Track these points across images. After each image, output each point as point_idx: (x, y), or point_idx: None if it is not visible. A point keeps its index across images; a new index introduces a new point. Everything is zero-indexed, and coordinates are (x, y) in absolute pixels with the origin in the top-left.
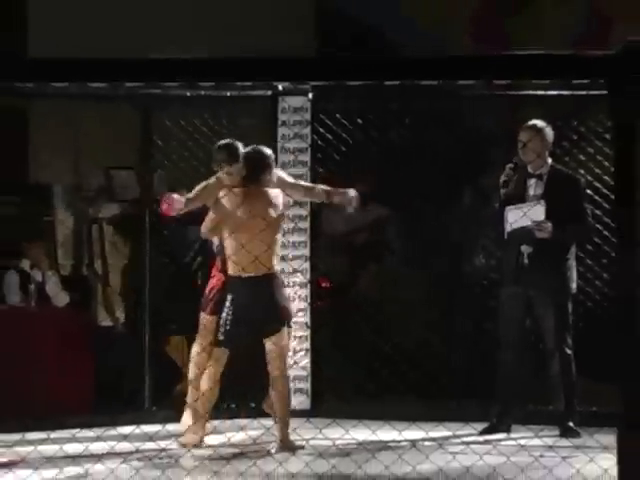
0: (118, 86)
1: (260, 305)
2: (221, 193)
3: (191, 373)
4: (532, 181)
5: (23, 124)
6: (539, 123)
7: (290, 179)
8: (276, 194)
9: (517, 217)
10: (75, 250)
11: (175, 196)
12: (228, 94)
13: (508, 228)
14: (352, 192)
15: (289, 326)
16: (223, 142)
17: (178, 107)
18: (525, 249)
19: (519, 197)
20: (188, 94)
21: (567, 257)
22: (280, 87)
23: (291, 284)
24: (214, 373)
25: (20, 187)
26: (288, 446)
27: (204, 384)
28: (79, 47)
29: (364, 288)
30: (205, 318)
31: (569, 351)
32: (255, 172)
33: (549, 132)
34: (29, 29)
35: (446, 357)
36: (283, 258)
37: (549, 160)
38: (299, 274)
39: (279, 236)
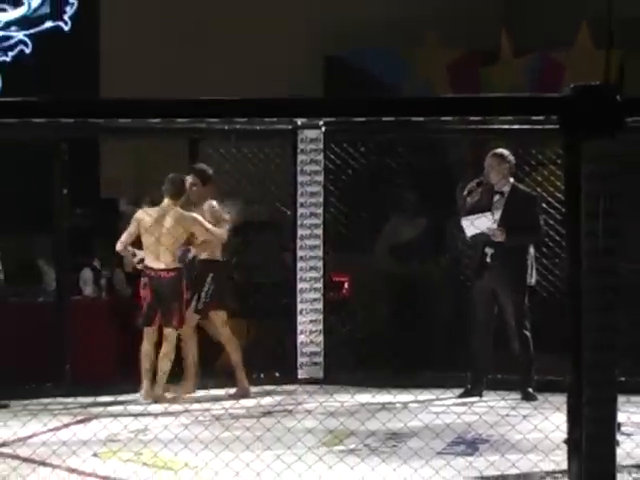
0: (170, 121)
1: None
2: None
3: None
4: (497, 196)
5: (95, 152)
6: (503, 151)
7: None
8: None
9: (467, 225)
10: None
11: None
12: (258, 128)
13: (468, 234)
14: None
15: None
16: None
17: (218, 138)
18: (488, 250)
19: (486, 208)
20: (226, 127)
21: (525, 257)
22: (299, 122)
23: (307, 278)
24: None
25: (93, 201)
26: None
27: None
28: (140, 90)
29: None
30: None
31: (527, 332)
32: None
33: (511, 158)
34: (100, 76)
35: (430, 336)
36: (301, 258)
37: (511, 180)
38: (314, 271)
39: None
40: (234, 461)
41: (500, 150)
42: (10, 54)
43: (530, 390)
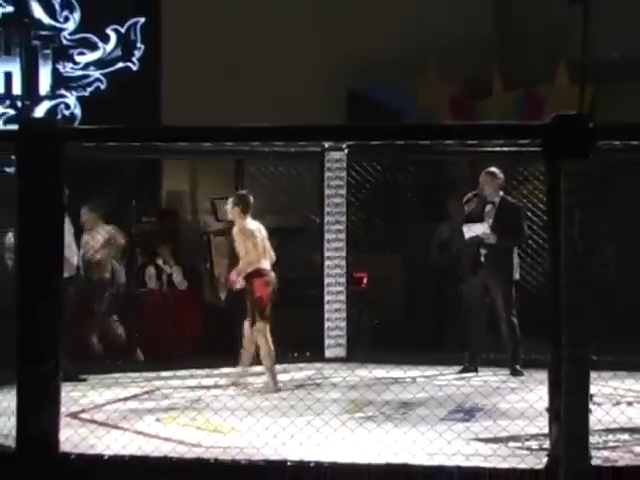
0: (220, 144)
1: None
2: None
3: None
4: (489, 206)
5: (158, 170)
6: (494, 169)
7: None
8: None
9: (466, 230)
10: (192, 252)
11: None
12: (292, 150)
13: (466, 237)
14: None
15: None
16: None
17: (259, 158)
18: (482, 251)
19: (479, 216)
20: (265, 149)
21: (511, 257)
22: (326, 145)
23: (333, 274)
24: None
25: (157, 211)
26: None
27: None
28: (195, 118)
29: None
30: None
31: (514, 319)
32: None
33: (500, 175)
34: (162, 106)
35: (434, 322)
36: (328, 257)
37: (500, 193)
38: (338, 269)
39: None
40: (272, 425)
41: (492, 168)
42: (88, 89)
43: (517, 367)
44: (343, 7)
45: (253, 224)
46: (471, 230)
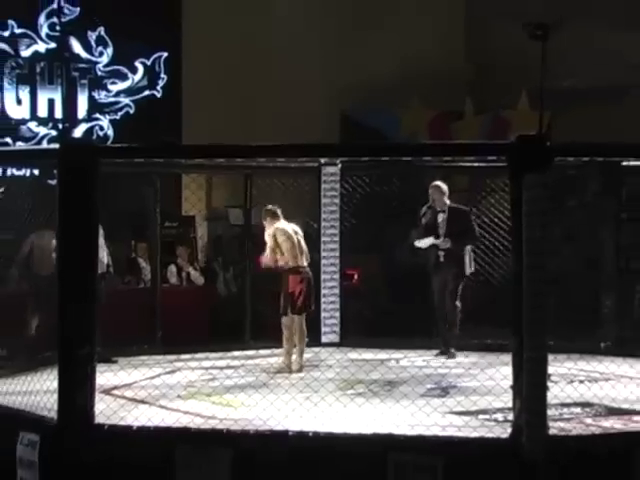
0: (231, 160)
1: None
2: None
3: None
4: (440, 215)
5: (179, 182)
6: (440, 183)
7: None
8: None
9: (422, 246)
10: (207, 253)
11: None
12: (292, 165)
13: (423, 247)
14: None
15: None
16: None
17: (265, 173)
18: (440, 253)
19: (434, 225)
20: (271, 164)
21: (463, 255)
22: (322, 161)
23: (328, 272)
24: None
25: (177, 217)
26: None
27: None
28: (210, 137)
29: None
30: None
31: (457, 308)
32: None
33: (444, 187)
34: (182, 128)
35: (410, 312)
36: (324, 257)
37: (447, 201)
38: (332, 267)
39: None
40: (276, 401)
41: (438, 182)
42: (119, 114)
43: (452, 350)
44: (341, 46)
45: (287, 226)
46: (424, 242)
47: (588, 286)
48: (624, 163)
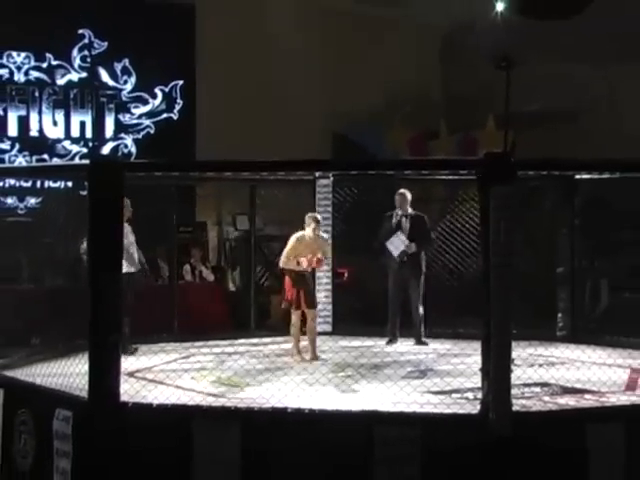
0: (238, 174)
1: None
2: None
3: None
4: (404, 219)
5: (192, 192)
6: (405, 191)
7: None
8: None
9: (393, 249)
10: (217, 254)
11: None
12: (291, 178)
13: (395, 253)
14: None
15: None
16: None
17: (267, 184)
18: (403, 255)
19: (399, 227)
20: (272, 177)
21: (421, 257)
22: (316, 174)
23: (322, 270)
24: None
25: (191, 223)
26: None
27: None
28: (220, 153)
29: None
30: None
31: (420, 304)
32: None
33: (408, 195)
34: (197, 145)
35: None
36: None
37: (410, 209)
38: (326, 265)
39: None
40: (277, 382)
41: (403, 190)
42: (141, 134)
43: (423, 339)
44: (335, 76)
45: (324, 234)
46: (394, 245)
47: (547, 282)
48: (577, 176)
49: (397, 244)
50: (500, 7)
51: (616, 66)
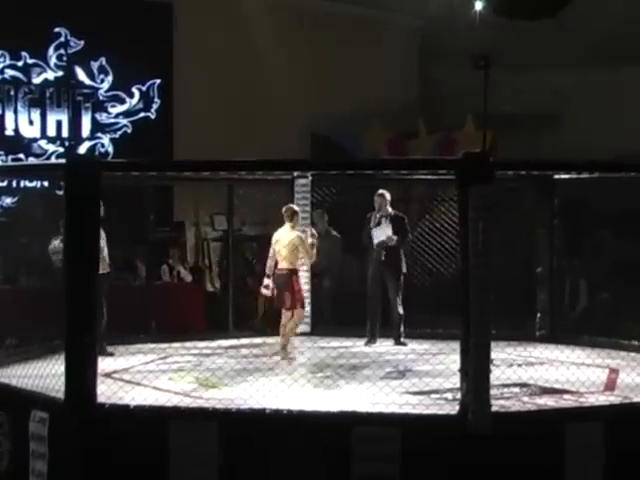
0: (216, 173)
1: None
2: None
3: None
4: (383, 219)
5: (170, 192)
6: (384, 191)
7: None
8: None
9: (376, 236)
10: (195, 254)
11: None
12: (269, 177)
13: (375, 241)
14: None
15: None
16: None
17: (246, 183)
18: (382, 252)
19: (378, 226)
20: (250, 177)
21: (400, 255)
22: (295, 174)
23: (301, 271)
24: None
25: (169, 223)
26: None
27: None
28: (198, 153)
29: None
30: None
31: (399, 303)
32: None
33: (387, 195)
34: (174, 145)
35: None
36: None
37: (389, 209)
38: (305, 266)
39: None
40: (255, 383)
41: (382, 191)
42: (118, 133)
43: (401, 339)
44: (315, 78)
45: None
46: (378, 233)
47: (526, 283)
48: (555, 176)
49: (379, 234)
50: (479, 6)
51: (595, 69)
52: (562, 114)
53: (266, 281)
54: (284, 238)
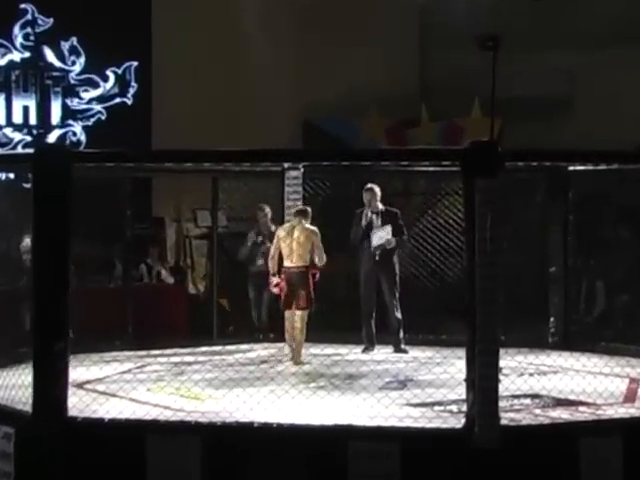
0: (199, 165)
1: None
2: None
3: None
4: (374, 216)
5: (149, 185)
6: (373, 186)
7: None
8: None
9: (376, 239)
10: (176, 253)
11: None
12: (257, 169)
13: (373, 244)
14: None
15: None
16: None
17: (232, 176)
18: (377, 252)
19: (370, 225)
20: (237, 169)
21: (393, 257)
22: (285, 165)
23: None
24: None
25: (148, 219)
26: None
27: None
28: (179, 143)
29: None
30: None
31: (397, 304)
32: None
33: (377, 190)
34: (152, 133)
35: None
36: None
37: (379, 204)
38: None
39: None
40: (242, 394)
41: (371, 185)
42: (91, 120)
43: (402, 346)
44: (306, 60)
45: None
46: (377, 236)
47: (538, 284)
48: (570, 168)
49: (377, 237)
50: None
51: (612, 49)
52: (576, 99)
53: (275, 279)
54: (297, 233)
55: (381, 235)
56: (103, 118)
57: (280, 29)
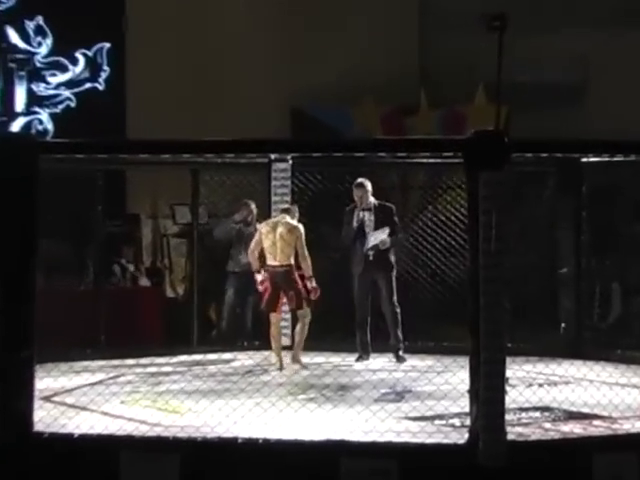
0: (178, 156)
1: None
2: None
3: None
4: (366, 212)
5: (123, 178)
6: (363, 181)
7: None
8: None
9: (372, 240)
10: (153, 253)
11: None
12: (242, 161)
13: (368, 245)
14: None
15: None
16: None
17: (213, 168)
18: (370, 253)
19: (362, 222)
20: (219, 161)
21: (389, 255)
22: (272, 157)
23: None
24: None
25: (122, 216)
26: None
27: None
28: (156, 132)
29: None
30: None
31: (396, 308)
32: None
33: (368, 185)
34: (127, 122)
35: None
36: None
37: (371, 199)
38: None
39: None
40: (225, 407)
41: (361, 180)
42: (59, 107)
43: (400, 353)
44: (293, 44)
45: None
46: (373, 238)
47: (548, 286)
48: (583, 159)
49: (373, 239)
50: None
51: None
52: (591, 85)
53: (260, 276)
54: (280, 229)
55: (376, 236)
56: (72, 105)
57: (267, 11)
